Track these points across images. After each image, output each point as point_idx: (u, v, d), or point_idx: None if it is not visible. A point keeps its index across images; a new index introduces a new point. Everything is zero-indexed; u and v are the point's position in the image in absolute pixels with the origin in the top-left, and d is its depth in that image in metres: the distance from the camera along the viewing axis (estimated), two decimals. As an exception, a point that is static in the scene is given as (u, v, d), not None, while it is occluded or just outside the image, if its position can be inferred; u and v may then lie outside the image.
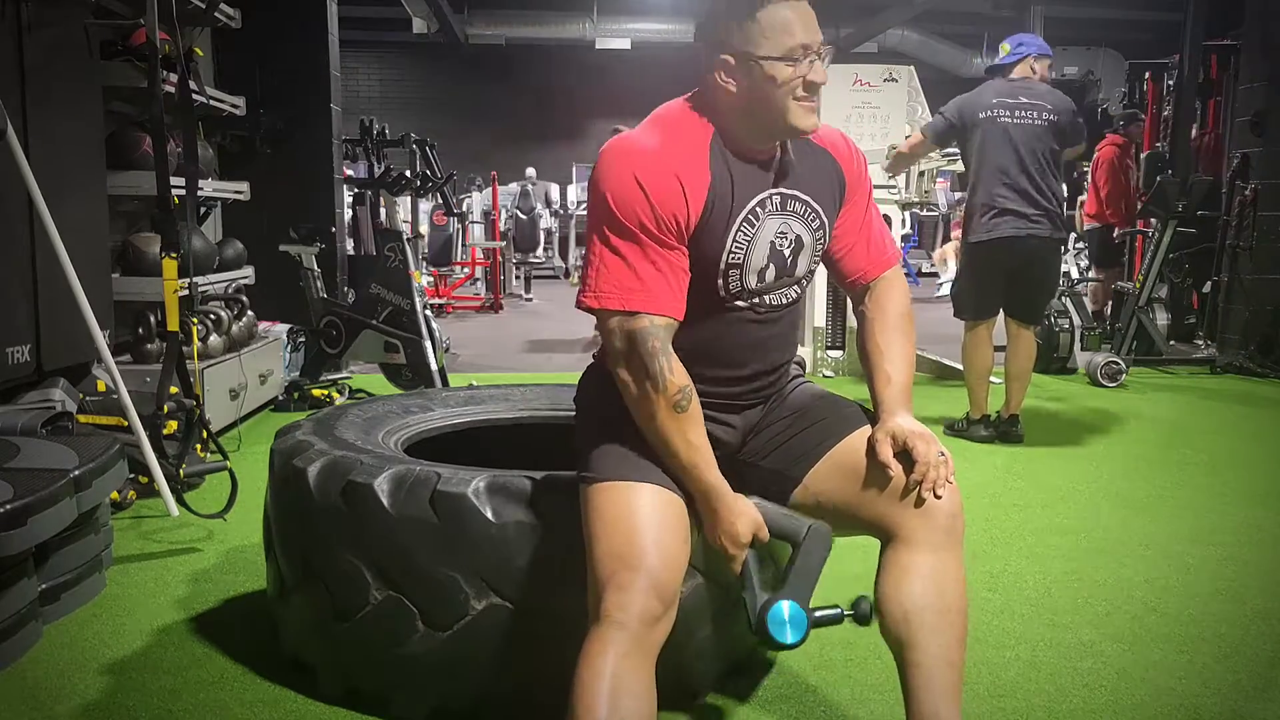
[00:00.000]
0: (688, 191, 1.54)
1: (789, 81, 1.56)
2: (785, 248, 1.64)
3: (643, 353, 1.52)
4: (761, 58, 1.55)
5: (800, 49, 1.55)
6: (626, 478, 1.54)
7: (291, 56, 5.83)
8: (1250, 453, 4.24)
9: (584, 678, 1.39)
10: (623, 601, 1.43)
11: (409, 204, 7.39)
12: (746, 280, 1.63)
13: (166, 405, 3.07)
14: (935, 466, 1.57)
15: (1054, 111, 4.04)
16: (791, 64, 1.55)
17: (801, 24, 1.56)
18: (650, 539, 1.49)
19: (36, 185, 2.76)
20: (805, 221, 1.66)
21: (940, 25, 14.42)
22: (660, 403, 1.52)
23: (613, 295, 1.53)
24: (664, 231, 1.53)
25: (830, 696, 1.96)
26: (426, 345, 4.71)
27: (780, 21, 1.55)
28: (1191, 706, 1.93)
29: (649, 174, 1.53)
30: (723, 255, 1.59)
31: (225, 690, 1.94)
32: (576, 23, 14.26)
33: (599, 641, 1.42)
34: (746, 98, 1.57)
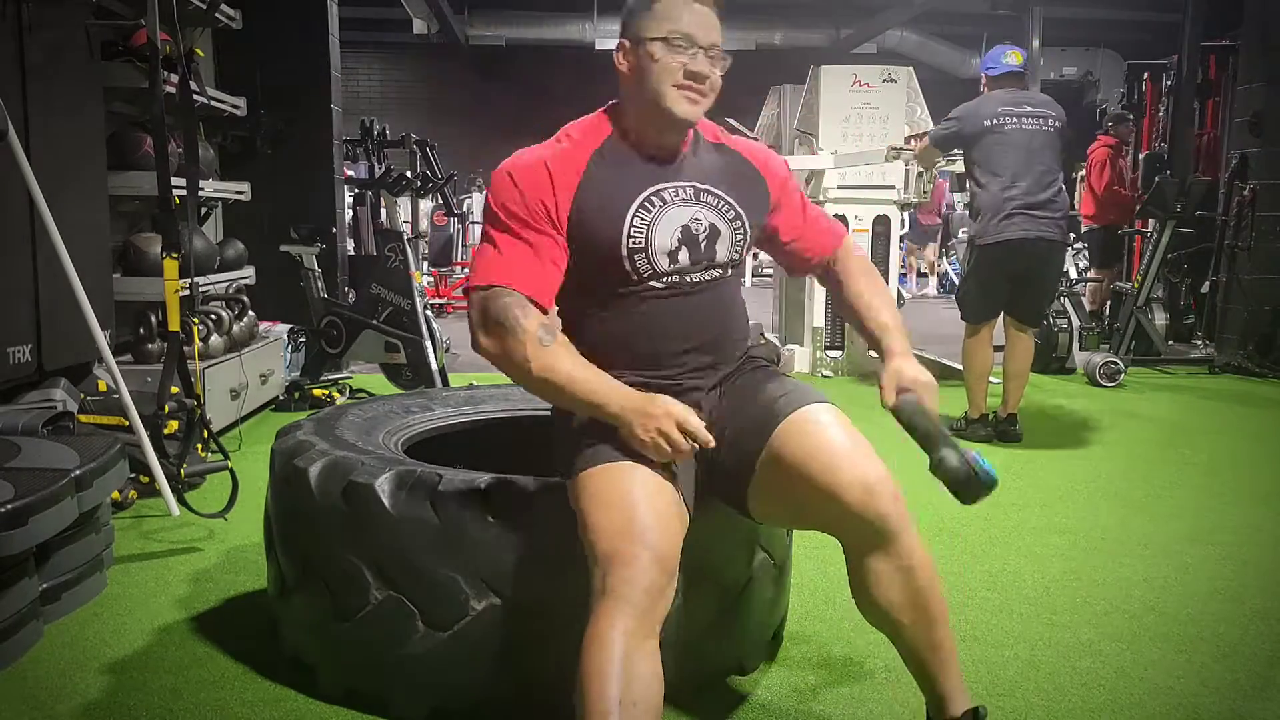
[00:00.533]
0: (555, 180, 1.63)
1: (668, 65, 1.62)
2: (700, 232, 1.70)
3: (495, 312, 1.59)
4: (647, 38, 1.63)
5: (684, 37, 1.62)
6: (618, 460, 1.56)
7: (292, 57, 5.84)
8: (1248, 452, 4.25)
9: (595, 659, 1.38)
10: (627, 576, 1.42)
11: (409, 204, 7.39)
12: (657, 262, 1.67)
13: (167, 405, 3.07)
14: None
15: (1058, 119, 4.13)
16: (673, 48, 1.62)
17: (693, 17, 1.63)
18: (649, 513, 1.49)
19: (37, 185, 2.76)
20: (720, 213, 1.73)
21: (939, 26, 14.43)
22: (526, 345, 1.57)
23: (478, 275, 1.64)
24: (532, 216, 1.62)
25: (830, 696, 1.96)
26: (427, 345, 4.71)
27: (673, 9, 1.63)
28: (1190, 706, 1.93)
29: (520, 168, 1.65)
30: (621, 240, 1.65)
31: (226, 690, 1.94)
32: (576, 23, 14.27)
33: (605, 620, 1.41)
34: (633, 81, 1.66)
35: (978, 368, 4.25)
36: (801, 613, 2.34)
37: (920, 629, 1.56)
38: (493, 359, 1.61)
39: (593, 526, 1.51)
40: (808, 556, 2.70)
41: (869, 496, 1.51)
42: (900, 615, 1.55)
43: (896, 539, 1.52)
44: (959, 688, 1.59)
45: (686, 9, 1.63)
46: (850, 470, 1.53)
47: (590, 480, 1.56)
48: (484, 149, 15.99)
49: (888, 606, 1.56)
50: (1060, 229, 4.10)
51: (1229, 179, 6.61)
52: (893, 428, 1.66)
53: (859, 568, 1.57)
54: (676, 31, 1.61)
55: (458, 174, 9.76)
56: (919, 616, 1.55)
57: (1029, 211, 4.01)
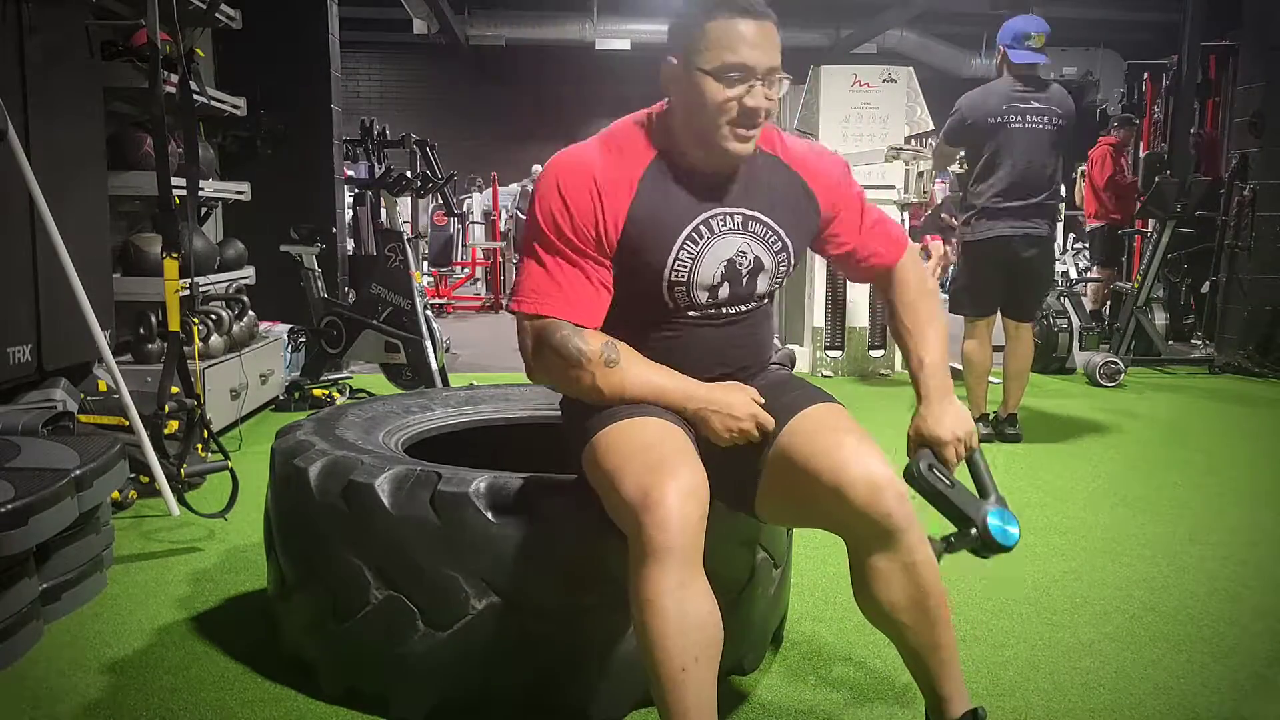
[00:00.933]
0: (605, 201, 1.57)
1: (722, 102, 1.53)
2: (744, 267, 1.65)
3: (553, 344, 1.57)
4: (698, 69, 1.52)
5: (740, 68, 1.51)
6: (630, 416, 1.56)
7: (292, 57, 5.84)
8: (1248, 452, 4.25)
9: (651, 624, 1.39)
10: (661, 517, 1.40)
11: (409, 204, 7.39)
12: (695, 295, 1.64)
13: (167, 405, 3.07)
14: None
15: (1063, 115, 4.10)
16: (726, 84, 1.51)
17: (751, 43, 1.51)
18: (671, 450, 1.49)
19: (38, 185, 2.76)
20: (766, 244, 1.67)
21: (939, 26, 14.44)
22: (595, 372, 1.56)
23: (528, 299, 1.59)
24: (582, 241, 1.57)
25: (830, 696, 1.96)
26: (427, 345, 4.72)
27: (727, 36, 1.51)
28: (1190, 705, 1.93)
29: (570, 185, 1.57)
30: (664, 271, 1.61)
31: (226, 689, 1.94)
32: (576, 24, 14.28)
33: (651, 583, 1.40)
34: (682, 108, 1.58)
35: (977, 366, 4.26)
36: (801, 613, 2.34)
37: (921, 629, 1.56)
38: (555, 386, 1.62)
39: (617, 476, 1.49)
40: (808, 556, 2.70)
41: (874, 495, 1.49)
42: (901, 615, 1.55)
43: (900, 538, 1.52)
44: (959, 689, 1.59)
45: (742, 32, 1.50)
46: (856, 468, 1.51)
47: (606, 436, 1.55)
48: (483, 149, 16.03)
49: (889, 606, 1.55)
50: (1050, 225, 4.15)
51: (1229, 179, 6.61)
52: (891, 423, 1.66)
53: (862, 566, 1.56)
54: (732, 63, 1.50)
55: (458, 174, 9.76)
56: (920, 617, 1.55)
57: (1020, 211, 4.05)
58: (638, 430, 1.54)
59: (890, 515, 1.50)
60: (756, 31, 1.52)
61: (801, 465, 1.56)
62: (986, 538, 1.57)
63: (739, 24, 1.51)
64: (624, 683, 1.81)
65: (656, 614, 1.39)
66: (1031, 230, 4.06)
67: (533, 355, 1.60)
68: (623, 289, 1.63)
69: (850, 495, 1.50)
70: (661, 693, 1.40)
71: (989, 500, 1.62)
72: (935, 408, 1.66)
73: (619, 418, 1.57)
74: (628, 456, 1.50)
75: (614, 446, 1.53)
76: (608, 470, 1.52)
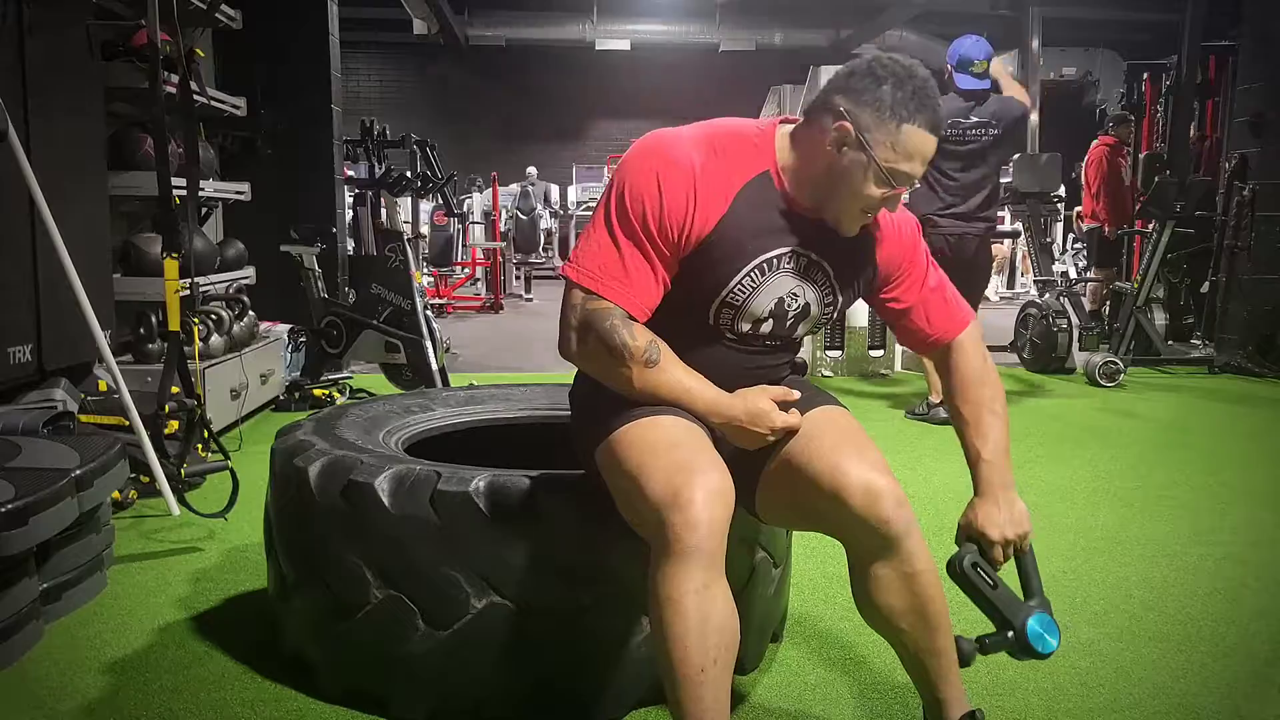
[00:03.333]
0: (699, 203, 1.52)
1: (869, 195, 1.51)
2: (792, 309, 1.63)
3: (600, 330, 1.53)
4: (872, 156, 1.49)
5: (906, 180, 1.52)
6: (651, 415, 1.54)
7: (292, 57, 5.84)
8: (1248, 452, 4.25)
9: (672, 625, 1.38)
10: (691, 518, 1.38)
11: (410, 204, 7.39)
12: (740, 324, 1.62)
13: (168, 405, 3.08)
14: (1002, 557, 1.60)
15: (999, 124, 4.58)
16: (888, 186, 1.51)
17: (924, 159, 1.52)
18: (698, 450, 1.48)
19: (38, 185, 2.76)
20: (820, 293, 1.65)
21: (940, 26, 14.42)
22: (634, 369, 1.53)
23: (592, 275, 1.54)
24: (663, 238, 1.53)
25: (830, 696, 1.96)
26: (427, 345, 4.72)
27: (914, 147, 1.49)
28: (1190, 705, 1.93)
29: (670, 179, 1.52)
30: (722, 291, 1.58)
31: (226, 689, 1.94)
32: (576, 23, 14.28)
33: (674, 582, 1.38)
34: (828, 167, 1.52)
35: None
36: (801, 613, 2.34)
37: (921, 635, 1.55)
38: (591, 369, 1.59)
39: (642, 474, 1.46)
40: (808, 556, 2.70)
41: (872, 501, 1.48)
42: (901, 621, 1.55)
43: (899, 545, 1.50)
44: (958, 694, 1.59)
45: (926, 149, 1.50)
46: (855, 474, 1.49)
47: (628, 434, 1.53)
48: (484, 149, 16.03)
49: (889, 612, 1.55)
50: (986, 227, 4.69)
51: (1228, 179, 6.61)
52: (897, 430, 1.66)
53: (861, 572, 1.56)
54: (903, 174, 1.50)
55: (458, 174, 9.76)
56: (920, 622, 1.54)
57: (958, 214, 4.59)
58: (662, 428, 1.52)
59: (888, 522, 1.49)
60: (930, 146, 1.51)
61: (802, 469, 1.55)
62: (1023, 643, 1.53)
63: (929, 140, 1.50)
64: (624, 682, 1.82)
65: (679, 614, 1.38)
66: (969, 230, 4.61)
67: (576, 334, 1.55)
68: (675, 292, 1.59)
69: (849, 501, 1.49)
70: (677, 694, 1.39)
71: (1032, 603, 1.58)
72: (989, 504, 1.60)
73: (638, 415, 1.55)
74: (654, 454, 1.47)
75: (637, 444, 1.51)
76: (631, 467, 1.49)
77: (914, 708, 1.88)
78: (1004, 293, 12.29)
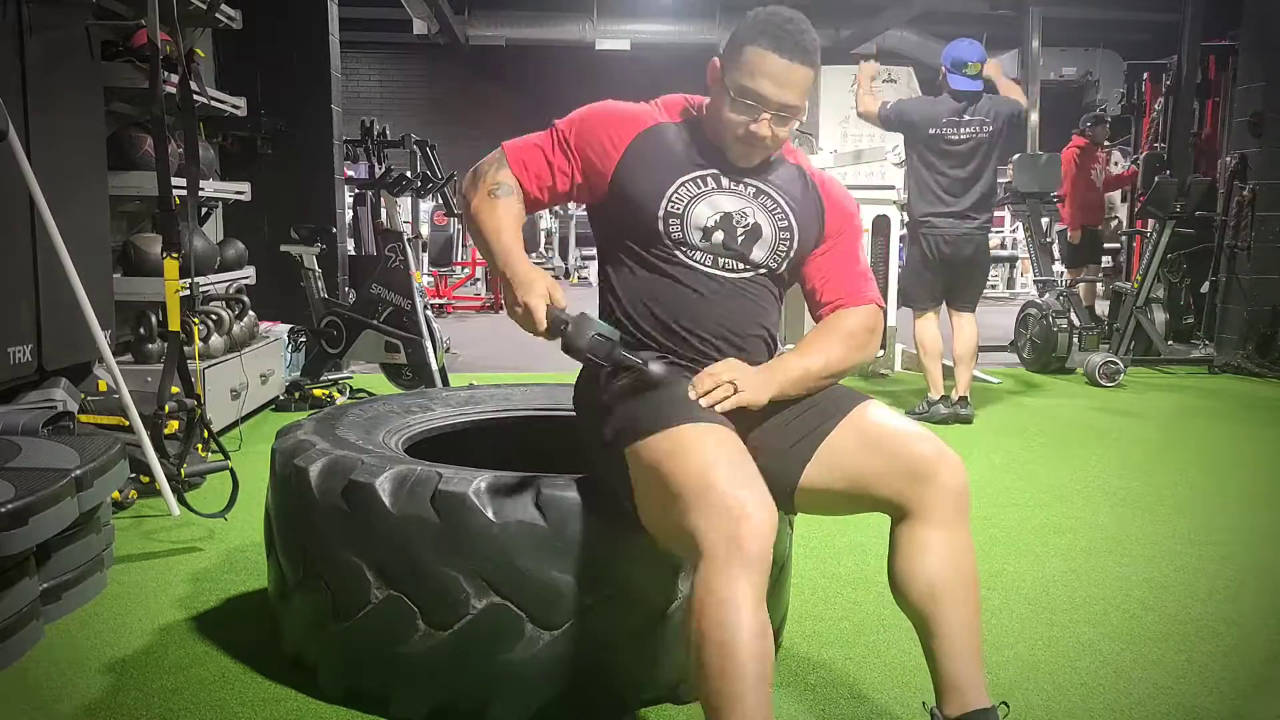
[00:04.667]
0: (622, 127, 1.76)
1: (731, 119, 1.68)
2: (740, 224, 1.74)
3: (483, 163, 1.80)
4: (725, 82, 1.68)
5: (754, 97, 1.64)
6: (694, 420, 1.55)
7: (292, 57, 5.84)
8: (1248, 452, 4.25)
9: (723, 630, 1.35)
10: (754, 529, 1.39)
11: (410, 205, 7.39)
12: (689, 234, 1.73)
13: (168, 405, 3.07)
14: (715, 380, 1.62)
15: (996, 122, 4.60)
16: (738, 108, 1.66)
17: (774, 79, 1.64)
18: (748, 464, 1.50)
19: (38, 186, 2.76)
20: (770, 215, 1.76)
21: (939, 26, 14.42)
22: (481, 190, 1.75)
23: (512, 144, 1.81)
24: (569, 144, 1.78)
25: (830, 696, 1.97)
26: (427, 345, 4.72)
27: (754, 65, 1.65)
28: (1190, 706, 1.93)
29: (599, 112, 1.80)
30: (661, 202, 1.72)
31: (226, 689, 1.94)
32: (576, 23, 14.27)
33: (728, 582, 1.37)
34: (710, 105, 1.75)
35: (931, 349, 4.70)
36: (801, 613, 2.34)
37: (962, 608, 1.57)
38: (460, 195, 1.83)
39: (693, 482, 1.45)
40: (808, 556, 2.70)
41: (955, 471, 1.58)
42: (945, 593, 1.56)
43: (961, 514, 1.59)
44: (982, 680, 1.59)
45: (770, 67, 1.63)
46: (932, 444, 1.61)
47: (670, 440, 1.52)
48: (484, 149, 15.97)
49: (936, 581, 1.56)
50: (985, 225, 4.72)
51: (1229, 179, 6.61)
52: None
53: (912, 542, 1.59)
54: (749, 90, 1.65)
55: (458, 174, 9.76)
56: (964, 593, 1.57)
57: (956, 213, 4.60)
58: (713, 436, 1.53)
59: (963, 492, 1.60)
60: (784, 70, 1.64)
61: (876, 443, 1.62)
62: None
63: (770, 58, 1.64)
64: (626, 683, 1.82)
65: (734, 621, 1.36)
66: (968, 230, 4.62)
67: (470, 174, 1.81)
68: (623, 213, 1.76)
69: (937, 471, 1.58)
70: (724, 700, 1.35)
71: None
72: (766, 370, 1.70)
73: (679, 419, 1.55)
74: (705, 459, 1.48)
75: (689, 450, 1.50)
76: (678, 469, 1.49)
77: (914, 707, 1.88)
78: (1003, 293, 12.30)
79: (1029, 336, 6.43)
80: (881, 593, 1.82)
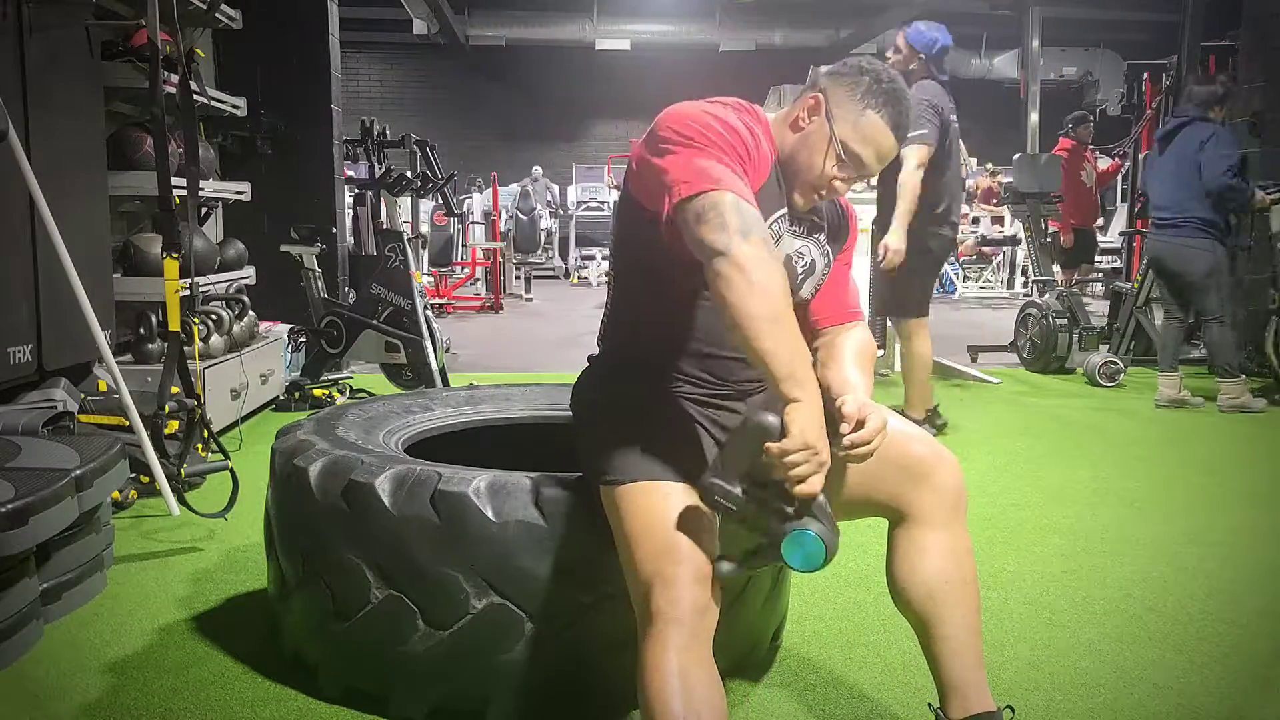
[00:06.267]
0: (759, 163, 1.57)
1: (825, 171, 1.61)
2: (800, 267, 1.70)
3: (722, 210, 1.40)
4: (834, 131, 1.60)
5: (859, 163, 1.61)
6: (656, 477, 1.53)
7: (292, 57, 5.84)
8: (1248, 453, 4.25)
9: (653, 682, 1.39)
10: (673, 597, 1.42)
11: (410, 204, 7.39)
12: None
13: (167, 405, 3.07)
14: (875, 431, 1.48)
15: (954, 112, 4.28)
16: (842, 165, 1.61)
17: (880, 152, 1.61)
18: (690, 534, 1.48)
19: (38, 186, 2.76)
20: (822, 251, 1.73)
21: (940, 26, 14.41)
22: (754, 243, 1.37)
23: (695, 181, 1.43)
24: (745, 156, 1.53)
25: (830, 696, 1.97)
26: (427, 345, 4.72)
27: (872, 134, 1.60)
28: (1190, 706, 1.93)
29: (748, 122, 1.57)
30: None
31: (226, 689, 1.94)
32: (576, 23, 14.28)
33: (657, 642, 1.41)
34: (804, 141, 1.62)
35: (929, 363, 4.40)
36: (801, 613, 2.34)
37: (963, 610, 1.58)
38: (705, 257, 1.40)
39: (634, 547, 1.49)
40: (808, 556, 2.70)
41: (949, 470, 1.62)
42: (947, 594, 1.58)
43: (960, 515, 1.62)
44: (984, 679, 1.60)
45: (881, 139, 1.60)
46: (931, 448, 1.64)
47: (629, 498, 1.53)
48: (484, 149, 16.02)
49: (937, 583, 1.58)
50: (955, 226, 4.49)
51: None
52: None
53: (911, 545, 1.61)
54: (854, 154, 1.59)
55: (458, 174, 9.76)
56: (965, 595, 1.59)
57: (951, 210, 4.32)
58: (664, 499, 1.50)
59: (961, 493, 1.63)
60: (891, 147, 1.62)
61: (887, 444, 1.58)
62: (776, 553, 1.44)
63: (887, 133, 1.60)
64: (625, 683, 1.81)
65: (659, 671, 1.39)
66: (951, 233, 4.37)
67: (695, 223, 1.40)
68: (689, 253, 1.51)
69: (933, 471, 1.61)
70: None
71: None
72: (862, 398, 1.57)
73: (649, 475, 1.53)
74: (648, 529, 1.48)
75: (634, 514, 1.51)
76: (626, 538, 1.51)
77: (914, 707, 1.88)
78: (1004, 293, 12.30)
79: (1029, 336, 6.43)
80: (881, 593, 1.82)
